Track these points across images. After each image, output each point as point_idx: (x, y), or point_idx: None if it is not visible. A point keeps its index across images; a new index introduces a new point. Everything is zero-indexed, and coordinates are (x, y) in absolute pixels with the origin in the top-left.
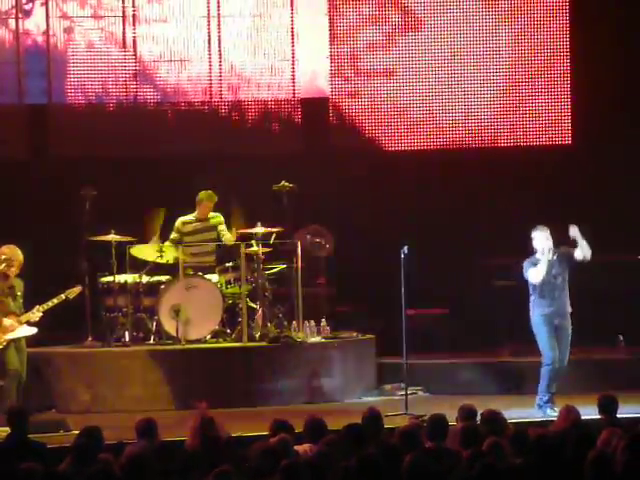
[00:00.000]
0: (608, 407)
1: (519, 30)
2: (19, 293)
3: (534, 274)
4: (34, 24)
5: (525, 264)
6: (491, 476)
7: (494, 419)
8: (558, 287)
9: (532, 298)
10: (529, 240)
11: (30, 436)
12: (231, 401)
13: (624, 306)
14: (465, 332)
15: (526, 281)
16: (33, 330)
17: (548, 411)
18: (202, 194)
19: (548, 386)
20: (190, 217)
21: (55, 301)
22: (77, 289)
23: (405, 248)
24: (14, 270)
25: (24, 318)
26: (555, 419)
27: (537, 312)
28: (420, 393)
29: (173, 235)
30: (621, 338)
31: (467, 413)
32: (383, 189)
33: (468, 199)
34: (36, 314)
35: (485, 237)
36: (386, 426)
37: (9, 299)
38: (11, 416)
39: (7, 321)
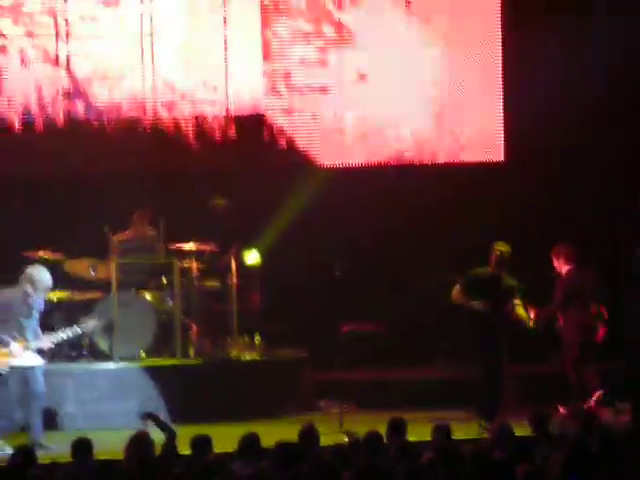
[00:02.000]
0: (540, 423)
1: (451, 40)
2: (37, 315)
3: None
4: None
5: None
6: None
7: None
8: None
9: None
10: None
11: None
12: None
13: None
14: (399, 348)
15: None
16: (39, 360)
17: None
18: (138, 213)
19: None
20: (124, 236)
21: (70, 334)
22: (93, 322)
23: (340, 264)
24: (34, 292)
25: (33, 345)
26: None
27: None
28: (352, 409)
29: (111, 255)
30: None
31: (396, 426)
32: (317, 206)
33: (402, 216)
34: (45, 343)
35: (419, 255)
36: (321, 444)
37: (25, 320)
38: None
39: (15, 347)
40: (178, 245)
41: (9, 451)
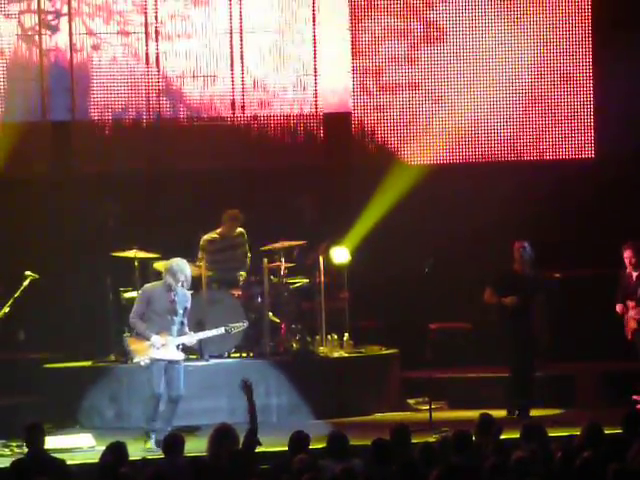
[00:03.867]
0: (632, 422)
1: (542, 42)
2: (181, 311)
3: None
4: (59, 41)
5: None
6: None
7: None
8: None
9: None
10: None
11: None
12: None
13: None
14: (488, 347)
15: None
16: (180, 355)
17: None
18: (229, 213)
19: None
20: (214, 235)
21: (215, 332)
22: (241, 324)
23: (429, 262)
24: (175, 283)
25: (177, 340)
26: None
27: None
28: (444, 408)
29: (200, 254)
30: None
31: (486, 425)
32: (406, 203)
33: (492, 212)
34: (189, 339)
35: (508, 251)
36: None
37: (169, 315)
38: (27, 432)
39: (156, 338)
40: (266, 246)
41: (99, 448)
